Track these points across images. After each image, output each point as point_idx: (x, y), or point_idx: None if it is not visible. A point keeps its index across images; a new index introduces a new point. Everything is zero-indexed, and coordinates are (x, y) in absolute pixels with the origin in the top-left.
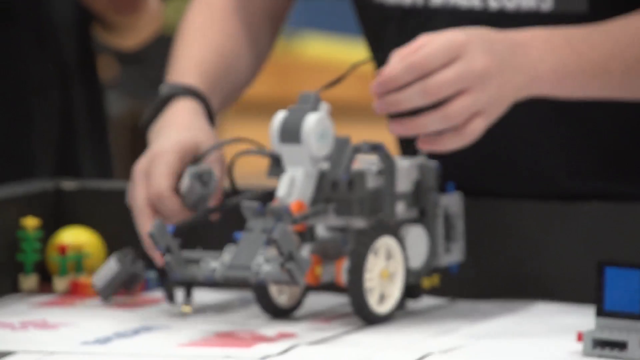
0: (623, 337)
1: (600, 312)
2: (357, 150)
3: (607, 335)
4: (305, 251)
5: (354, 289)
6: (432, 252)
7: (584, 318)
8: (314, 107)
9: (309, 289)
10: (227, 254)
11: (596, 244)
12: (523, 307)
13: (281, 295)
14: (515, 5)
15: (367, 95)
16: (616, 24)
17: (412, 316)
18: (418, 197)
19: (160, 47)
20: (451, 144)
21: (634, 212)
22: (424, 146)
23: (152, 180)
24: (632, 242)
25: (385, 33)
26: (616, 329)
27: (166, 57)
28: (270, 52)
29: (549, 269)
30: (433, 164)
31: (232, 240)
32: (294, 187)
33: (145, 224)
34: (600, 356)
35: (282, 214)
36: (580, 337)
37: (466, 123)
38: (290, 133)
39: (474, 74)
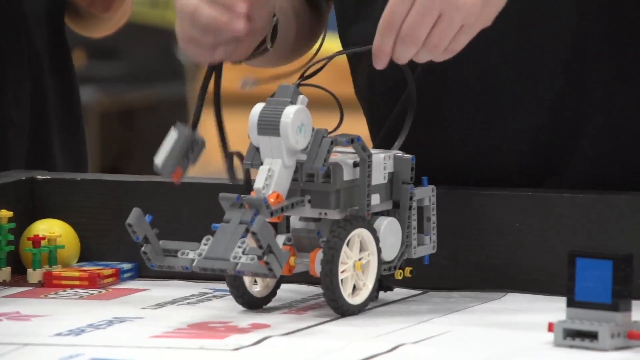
0: (594, 328)
1: (571, 303)
2: (334, 142)
3: (577, 326)
4: (280, 242)
5: (328, 280)
6: (406, 244)
7: (556, 309)
8: (293, 100)
9: (283, 279)
10: (205, 245)
11: (570, 234)
12: (495, 298)
13: (254, 286)
14: None
15: (346, 87)
16: None
17: (385, 307)
18: (392, 189)
19: (129, 40)
20: (438, 58)
21: (606, 202)
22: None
23: None
24: (604, 233)
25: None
26: (587, 320)
27: (135, 50)
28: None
29: (521, 259)
30: (408, 156)
31: (210, 231)
32: (271, 179)
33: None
34: (571, 346)
35: (260, 206)
36: (551, 327)
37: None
38: (269, 125)
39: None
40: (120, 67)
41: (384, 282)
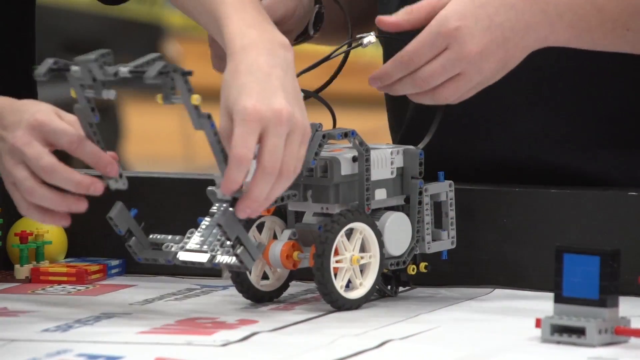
0: (581, 323)
1: (559, 298)
2: (327, 136)
3: (565, 321)
4: (286, 237)
5: (319, 274)
6: (417, 239)
7: (543, 304)
8: None
9: (293, 273)
10: (187, 239)
11: (557, 230)
12: (483, 293)
13: (263, 281)
14: None
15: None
16: None
17: (373, 303)
18: (403, 184)
19: (116, 36)
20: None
21: (593, 198)
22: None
23: None
24: (592, 229)
25: None
26: (574, 315)
27: (121, 45)
28: None
29: (509, 255)
30: (417, 151)
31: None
32: None
33: None
34: (558, 342)
35: None
36: (538, 323)
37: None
38: None
39: (464, 61)
40: None
41: (402, 278)
